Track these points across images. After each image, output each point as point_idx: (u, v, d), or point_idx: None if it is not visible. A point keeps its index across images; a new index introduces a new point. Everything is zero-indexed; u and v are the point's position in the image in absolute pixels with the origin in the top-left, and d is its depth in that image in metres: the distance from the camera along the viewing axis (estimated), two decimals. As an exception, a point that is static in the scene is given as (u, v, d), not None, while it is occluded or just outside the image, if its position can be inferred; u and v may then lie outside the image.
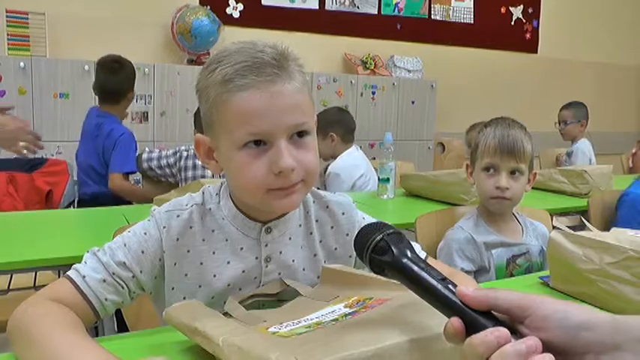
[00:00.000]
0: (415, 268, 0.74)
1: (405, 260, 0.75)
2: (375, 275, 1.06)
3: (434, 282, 0.71)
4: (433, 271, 0.73)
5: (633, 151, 4.19)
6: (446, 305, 0.69)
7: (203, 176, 2.77)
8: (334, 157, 3.34)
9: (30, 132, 2.19)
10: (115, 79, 3.14)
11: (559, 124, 4.39)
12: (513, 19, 5.90)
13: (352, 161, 3.33)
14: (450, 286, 0.70)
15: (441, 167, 4.77)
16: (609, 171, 3.10)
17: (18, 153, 2.20)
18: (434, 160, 5.00)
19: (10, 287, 2.04)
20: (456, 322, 0.67)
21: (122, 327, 1.61)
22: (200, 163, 2.80)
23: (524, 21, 5.96)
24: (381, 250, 0.78)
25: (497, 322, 0.66)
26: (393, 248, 0.77)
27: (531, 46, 6.06)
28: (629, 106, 6.87)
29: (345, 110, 3.68)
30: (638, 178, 2.47)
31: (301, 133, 1.01)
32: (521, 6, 5.92)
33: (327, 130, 3.30)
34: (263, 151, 0.98)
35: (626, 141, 5.90)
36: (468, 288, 0.69)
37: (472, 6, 5.65)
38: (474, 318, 0.67)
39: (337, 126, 3.35)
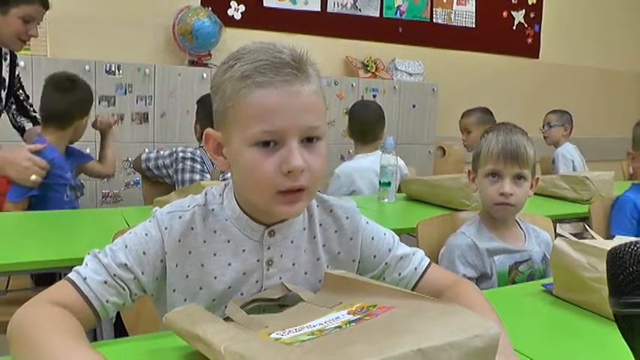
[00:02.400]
0: None
1: None
2: (378, 282, 1.06)
3: None
4: None
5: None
6: None
7: (202, 179, 2.75)
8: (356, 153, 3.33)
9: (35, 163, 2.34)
10: (63, 99, 2.57)
11: (543, 127, 4.44)
12: (515, 23, 5.90)
13: (358, 168, 3.23)
14: None
15: (441, 171, 4.75)
16: (611, 178, 3.09)
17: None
18: (434, 164, 4.99)
19: (9, 289, 2.03)
20: None
21: (120, 330, 1.60)
22: (198, 166, 2.79)
23: (525, 26, 5.95)
24: None
25: None
26: None
27: (533, 51, 6.05)
28: (630, 112, 6.86)
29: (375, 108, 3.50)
30: (636, 184, 2.49)
31: (313, 138, 1.01)
32: (523, 11, 5.92)
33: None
34: (274, 150, 0.98)
35: (627, 147, 5.88)
36: None
37: (474, 10, 5.64)
38: None
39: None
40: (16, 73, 2.84)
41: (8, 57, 2.77)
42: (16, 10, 2.49)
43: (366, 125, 3.31)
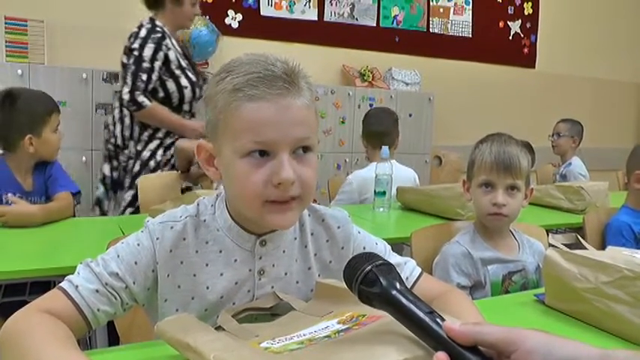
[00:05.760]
0: (403, 300, 0.76)
1: (393, 292, 0.77)
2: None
3: (421, 315, 0.73)
4: (421, 304, 0.75)
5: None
6: (433, 339, 0.71)
7: None
8: (370, 160, 3.32)
9: None
10: (3, 119, 2.35)
11: (552, 135, 4.40)
12: (511, 33, 5.92)
13: (371, 176, 3.14)
14: (438, 319, 0.72)
15: (437, 180, 4.76)
16: (605, 188, 3.10)
17: None
18: (430, 173, 5.00)
19: (2, 297, 2.03)
20: (442, 356, 0.68)
21: (114, 338, 1.60)
22: None
23: (522, 36, 5.98)
24: (369, 282, 0.79)
25: (483, 358, 0.68)
26: (381, 280, 0.78)
27: (529, 61, 6.07)
28: (627, 122, 6.89)
29: (391, 115, 3.51)
30: (624, 205, 2.48)
31: (304, 149, 1.02)
32: (520, 21, 5.94)
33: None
34: (265, 161, 0.99)
35: (623, 157, 5.86)
36: (454, 322, 0.70)
37: (470, 20, 5.67)
38: (459, 353, 0.68)
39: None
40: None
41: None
42: None
43: (384, 131, 3.31)
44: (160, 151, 3.15)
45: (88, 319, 1.00)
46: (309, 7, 4.94)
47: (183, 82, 3.19)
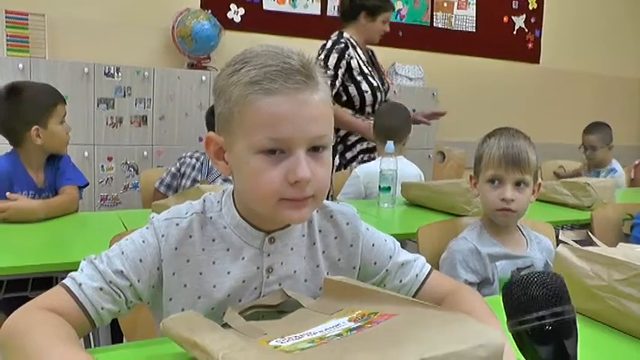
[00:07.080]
0: None
1: None
2: (379, 289, 1.04)
3: None
4: None
5: (636, 162, 4.15)
6: None
7: (192, 185, 2.78)
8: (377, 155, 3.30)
9: None
10: (9, 111, 2.31)
11: (585, 150, 4.08)
12: (515, 28, 5.90)
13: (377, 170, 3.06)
14: None
15: (440, 176, 4.74)
16: (612, 184, 3.07)
17: None
18: (434, 169, 4.98)
19: (4, 293, 2.01)
20: None
21: (117, 335, 1.58)
22: (193, 173, 2.84)
23: (526, 31, 5.95)
24: (540, 337, 0.68)
25: None
26: (557, 344, 0.68)
27: (533, 56, 6.04)
28: (632, 118, 6.86)
29: (403, 111, 3.48)
30: None
31: (319, 147, 0.99)
32: (524, 15, 5.91)
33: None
34: (280, 158, 0.96)
35: (628, 154, 5.87)
36: None
37: (474, 15, 5.64)
38: None
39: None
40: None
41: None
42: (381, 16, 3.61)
43: (392, 128, 3.26)
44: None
45: (91, 318, 0.98)
46: (312, 1, 4.92)
47: (364, 86, 3.55)
